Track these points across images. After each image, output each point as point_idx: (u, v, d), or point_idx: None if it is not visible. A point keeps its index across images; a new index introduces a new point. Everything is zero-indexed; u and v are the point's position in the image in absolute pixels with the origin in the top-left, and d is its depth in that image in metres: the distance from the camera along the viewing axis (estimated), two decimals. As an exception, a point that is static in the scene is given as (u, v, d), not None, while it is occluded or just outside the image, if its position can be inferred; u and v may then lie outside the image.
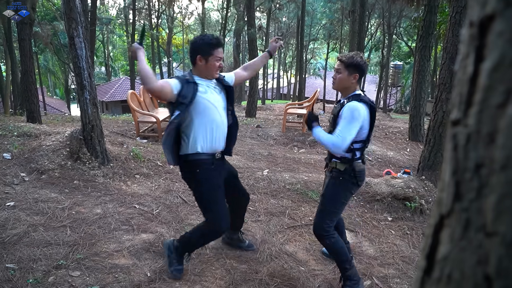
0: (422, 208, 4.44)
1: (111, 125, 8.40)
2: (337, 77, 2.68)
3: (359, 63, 2.62)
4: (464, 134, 0.40)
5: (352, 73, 2.63)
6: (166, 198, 4.28)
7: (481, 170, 0.38)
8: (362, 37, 11.03)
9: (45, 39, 16.00)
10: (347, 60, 2.63)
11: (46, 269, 2.66)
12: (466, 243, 0.39)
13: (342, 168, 2.70)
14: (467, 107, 0.40)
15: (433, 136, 4.85)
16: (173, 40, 35.99)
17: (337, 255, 2.87)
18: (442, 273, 0.41)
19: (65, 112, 24.88)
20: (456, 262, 0.40)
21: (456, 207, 0.40)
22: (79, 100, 4.65)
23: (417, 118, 8.42)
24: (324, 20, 31.19)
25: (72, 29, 4.40)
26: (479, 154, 0.38)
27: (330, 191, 2.79)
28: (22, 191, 3.92)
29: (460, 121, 0.41)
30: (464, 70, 0.42)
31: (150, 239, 3.36)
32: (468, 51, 0.42)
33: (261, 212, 4.25)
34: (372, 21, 25.95)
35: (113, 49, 42.41)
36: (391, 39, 24.15)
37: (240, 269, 3.13)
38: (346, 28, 25.70)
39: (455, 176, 0.41)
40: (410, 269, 3.45)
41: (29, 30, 7.46)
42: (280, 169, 5.72)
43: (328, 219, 2.82)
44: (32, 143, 4.93)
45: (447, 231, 0.42)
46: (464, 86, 0.41)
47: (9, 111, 13.79)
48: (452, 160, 0.42)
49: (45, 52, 25.19)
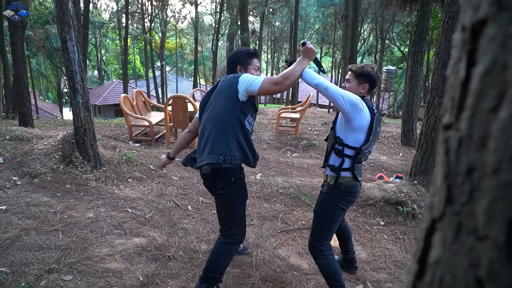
0: (414, 212, 4.46)
1: (103, 128, 8.35)
2: (346, 86, 2.60)
3: (370, 73, 2.54)
4: (456, 138, 0.40)
5: (361, 83, 2.55)
6: (158, 202, 4.26)
7: (473, 174, 0.38)
8: (355, 42, 11.09)
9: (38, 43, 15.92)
10: (357, 69, 2.57)
11: (38, 273, 2.63)
12: (457, 246, 0.39)
13: (331, 182, 2.55)
14: (459, 112, 0.41)
15: (425, 141, 4.88)
16: (166, 44, 35.96)
17: (328, 278, 2.70)
18: (434, 276, 0.42)
19: (57, 115, 24.69)
20: (448, 266, 0.40)
21: (448, 211, 0.40)
22: (71, 103, 4.63)
23: (410, 123, 8.47)
24: (317, 24, 31.34)
25: (65, 33, 4.38)
26: (471, 158, 0.38)
27: (320, 208, 2.65)
28: (14, 195, 3.88)
29: (452, 125, 0.42)
30: (456, 74, 0.42)
31: (143, 243, 3.34)
32: (460, 56, 0.42)
33: (254, 216, 4.24)
34: (365, 26, 26.12)
35: (106, 52, 42.28)
36: (383, 44, 24.31)
37: (232, 273, 3.12)
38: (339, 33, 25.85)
39: (447, 180, 0.41)
40: (402, 273, 3.46)
41: (22, 34, 7.42)
42: (273, 173, 5.72)
43: (321, 237, 2.67)
44: (24, 147, 4.89)
45: (439, 235, 0.42)
46: (456, 90, 0.42)
47: (1, 114, 13.65)
48: (444, 164, 0.42)
49: (37, 55, 25.05)
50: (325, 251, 2.66)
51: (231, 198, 2.53)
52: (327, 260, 2.65)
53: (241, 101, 2.48)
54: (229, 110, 2.48)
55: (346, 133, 2.47)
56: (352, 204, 2.76)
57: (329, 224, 2.64)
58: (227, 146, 2.44)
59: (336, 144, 2.51)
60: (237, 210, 2.60)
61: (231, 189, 2.51)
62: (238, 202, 2.59)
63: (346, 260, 3.25)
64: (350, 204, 2.67)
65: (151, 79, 29.24)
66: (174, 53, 39.75)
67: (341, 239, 3.20)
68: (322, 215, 2.64)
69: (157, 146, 7.07)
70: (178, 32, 35.02)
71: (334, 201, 2.57)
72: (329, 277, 2.69)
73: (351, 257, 3.22)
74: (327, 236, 2.67)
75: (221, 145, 2.45)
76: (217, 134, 2.47)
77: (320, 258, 2.66)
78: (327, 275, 2.70)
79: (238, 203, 2.59)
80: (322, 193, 2.66)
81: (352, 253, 3.22)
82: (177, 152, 2.91)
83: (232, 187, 2.51)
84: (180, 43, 39.56)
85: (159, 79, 29.43)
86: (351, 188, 2.56)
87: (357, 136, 2.46)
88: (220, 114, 2.50)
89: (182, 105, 6.61)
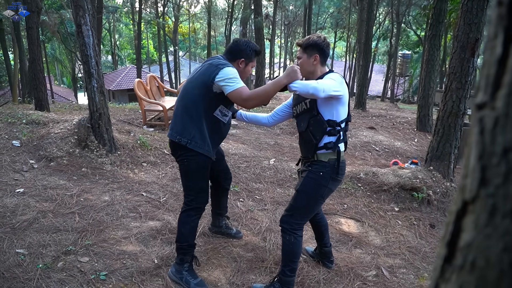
0: (429, 198, 4.42)
1: (118, 113, 8.42)
2: (299, 62, 2.55)
3: (316, 42, 2.48)
4: (492, 118, 0.39)
5: (311, 54, 2.50)
6: (173, 186, 4.29)
7: (509, 154, 0.37)
8: (370, 26, 10.90)
9: (52, 28, 15.99)
10: (303, 42, 2.53)
11: (55, 255, 2.69)
12: (491, 229, 0.38)
13: (325, 159, 2.49)
14: (494, 90, 0.39)
15: (442, 126, 4.79)
16: (179, 29, 35.84)
17: (287, 256, 2.63)
18: (465, 260, 0.40)
19: (72, 100, 24.96)
20: (481, 249, 0.38)
21: (482, 193, 0.39)
22: (86, 88, 4.66)
23: (426, 108, 8.35)
24: (331, 8, 30.88)
25: (80, 17, 4.38)
26: (507, 138, 0.37)
27: (308, 186, 2.53)
28: (31, 178, 3.95)
29: (487, 104, 0.40)
30: (492, 51, 0.40)
31: (157, 227, 3.38)
32: (496, 32, 0.40)
33: (268, 201, 4.26)
34: (381, 9, 25.63)
35: (120, 37, 42.36)
36: (399, 28, 23.86)
37: (246, 257, 3.14)
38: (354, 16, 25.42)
39: (481, 161, 0.40)
40: (416, 259, 3.45)
41: (37, 19, 7.45)
42: (287, 159, 5.71)
43: (299, 216, 2.60)
44: (41, 131, 4.95)
45: (471, 218, 0.40)
46: (491, 67, 0.40)
47: (17, 99, 13.85)
48: (478, 145, 0.40)
49: (52, 40, 25.19)
50: (297, 231, 2.61)
51: (187, 164, 2.60)
52: (295, 239, 2.60)
53: (214, 91, 2.50)
54: (200, 96, 2.54)
55: (336, 111, 2.45)
56: (339, 184, 2.70)
57: (313, 205, 2.60)
58: (186, 129, 2.54)
59: (328, 127, 2.46)
60: (193, 177, 2.65)
61: (186, 156, 2.58)
62: (193, 168, 2.62)
63: (322, 253, 3.18)
64: (337, 184, 2.62)
65: (164, 64, 29.25)
66: (187, 38, 39.62)
67: (318, 231, 3.11)
68: (307, 194, 2.55)
69: (171, 131, 7.10)
70: (191, 17, 34.87)
71: (324, 181, 2.50)
72: (289, 255, 2.63)
73: (328, 250, 3.15)
74: (306, 216, 2.65)
75: (181, 126, 2.57)
76: (182, 115, 2.58)
77: (289, 235, 2.60)
78: (287, 253, 2.63)
79: (192, 169, 2.63)
80: (311, 172, 2.54)
81: (328, 246, 3.14)
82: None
83: (188, 154, 2.57)
84: (193, 27, 39.41)
85: (172, 64, 29.43)
86: (343, 164, 2.55)
87: (345, 108, 2.49)
88: (190, 97, 2.58)
89: (195, 90, 6.60)
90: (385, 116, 9.96)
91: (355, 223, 4.04)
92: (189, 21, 35.62)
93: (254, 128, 7.76)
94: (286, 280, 2.64)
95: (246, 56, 2.64)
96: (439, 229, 4.08)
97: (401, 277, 3.16)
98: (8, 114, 5.50)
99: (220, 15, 34.04)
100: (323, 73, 2.54)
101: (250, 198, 4.28)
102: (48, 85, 18.11)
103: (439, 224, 4.18)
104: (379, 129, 8.24)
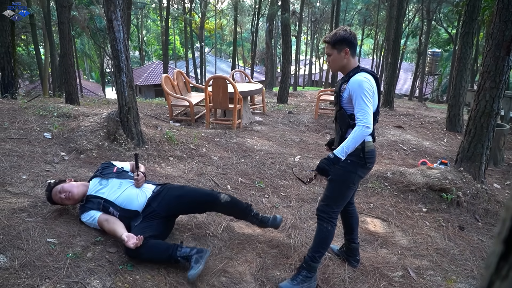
0: (459, 200, 4.31)
1: (145, 108, 8.54)
2: (330, 60, 2.63)
3: (343, 36, 2.54)
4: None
5: (341, 49, 2.57)
6: (198, 181, 4.32)
7: None
8: (400, 23, 10.66)
9: (82, 23, 16.35)
10: (330, 39, 2.58)
11: (85, 245, 2.74)
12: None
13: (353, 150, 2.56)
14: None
15: (474, 126, 4.65)
16: (206, 25, 36.06)
17: (320, 242, 2.76)
18: (524, 258, 0.38)
19: (100, 95, 25.49)
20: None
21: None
22: (116, 82, 4.73)
23: (456, 107, 8.13)
24: (359, 5, 30.46)
25: (111, 12, 4.45)
26: None
27: (338, 175, 2.63)
28: (62, 169, 4.05)
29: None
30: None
31: (184, 221, 3.41)
32: None
33: (293, 198, 4.24)
34: (411, 6, 25.07)
35: (147, 33, 42.99)
36: (429, 25, 23.29)
37: (271, 253, 3.14)
38: (383, 13, 25.01)
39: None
40: (444, 261, 3.37)
41: (68, 14, 7.61)
42: (312, 156, 5.67)
43: (334, 204, 2.73)
44: (71, 124, 5.07)
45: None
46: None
47: (48, 92, 14.24)
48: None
49: (81, 36, 25.76)
50: (333, 219, 2.75)
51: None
52: (331, 227, 2.75)
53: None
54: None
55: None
56: (369, 172, 2.81)
57: (346, 192, 2.71)
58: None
59: (351, 121, 2.55)
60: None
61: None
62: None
63: (349, 250, 3.14)
64: (367, 172, 2.75)
65: (191, 60, 29.49)
66: (214, 34, 39.84)
67: (348, 223, 3.11)
68: (339, 182, 2.67)
69: (197, 126, 7.16)
70: (218, 13, 35.01)
71: (354, 168, 2.62)
72: (322, 242, 2.77)
73: (355, 247, 3.12)
74: (340, 203, 2.76)
75: None
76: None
77: (326, 222, 2.74)
78: (321, 240, 2.76)
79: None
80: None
81: (356, 243, 3.12)
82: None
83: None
84: (220, 24, 39.61)
85: (198, 60, 29.63)
86: (370, 153, 2.64)
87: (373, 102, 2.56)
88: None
89: (222, 86, 6.63)
90: (413, 115, 9.76)
91: (381, 222, 3.98)
92: (215, 17, 35.78)
93: (279, 125, 7.74)
94: (314, 266, 2.76)
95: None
96: (469, 231, 3.98)
97: (428, 279, 3.10)
98: (40, 107, 5.65)
99: (246, 12, 34.05)
100: (355, 66, 2.60)
101: (275, 195, 4.27)
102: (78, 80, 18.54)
103: (469, 226, 4.07)
104: (407, 128, 8.08)
